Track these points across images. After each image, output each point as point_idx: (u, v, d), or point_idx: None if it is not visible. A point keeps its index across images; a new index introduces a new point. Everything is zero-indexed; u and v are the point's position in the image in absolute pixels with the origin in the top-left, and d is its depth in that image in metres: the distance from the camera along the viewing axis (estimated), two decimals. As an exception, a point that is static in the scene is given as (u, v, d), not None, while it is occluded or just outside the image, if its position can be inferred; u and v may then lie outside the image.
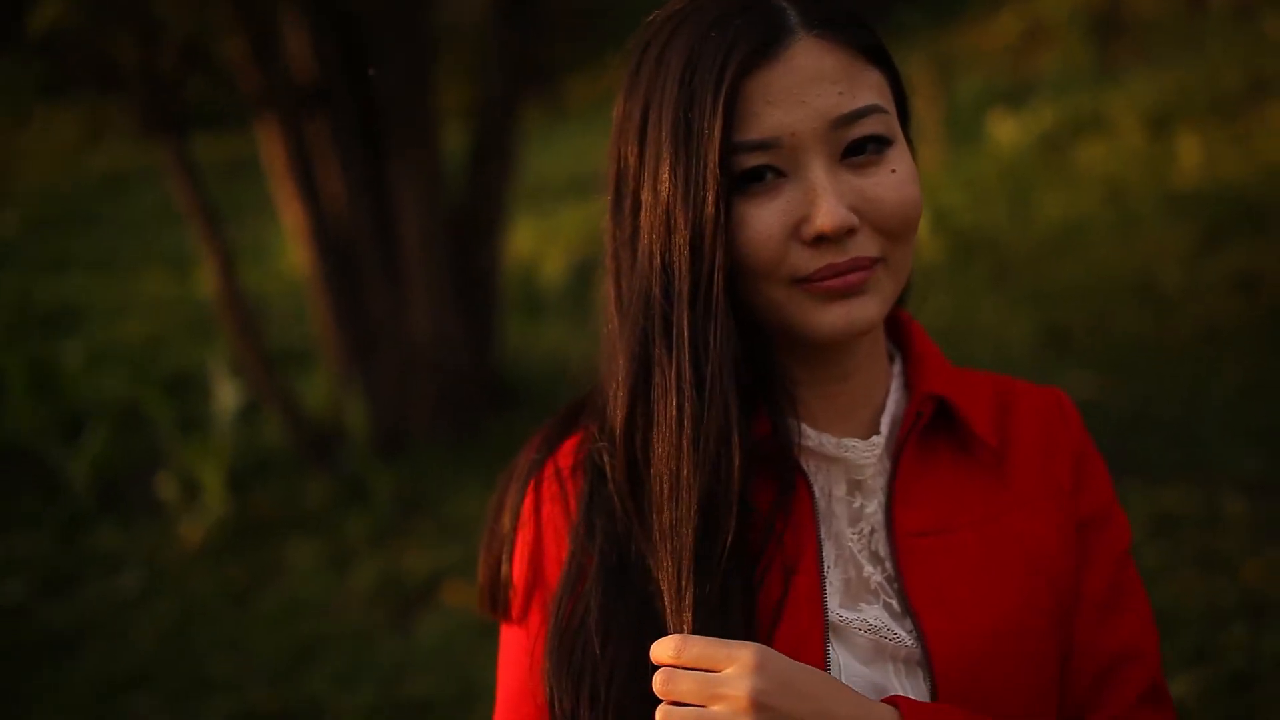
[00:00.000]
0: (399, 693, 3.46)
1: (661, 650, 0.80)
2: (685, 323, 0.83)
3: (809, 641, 0.89)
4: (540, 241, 8.11)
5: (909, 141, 0.93)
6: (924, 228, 6.99)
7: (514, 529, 0.96)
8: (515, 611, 0.95)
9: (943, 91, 13.00)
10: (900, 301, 1.00)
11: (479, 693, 3.27)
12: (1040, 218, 8.57)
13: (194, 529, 4.84)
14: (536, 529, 0.95)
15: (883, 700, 0.86)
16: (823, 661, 0.89)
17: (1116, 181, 8.99)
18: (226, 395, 5.38)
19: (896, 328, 1.02)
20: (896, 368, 1.00)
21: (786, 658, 0.79)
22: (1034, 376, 4.47)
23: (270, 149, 5.24)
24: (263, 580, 4.47)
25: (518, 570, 0.96)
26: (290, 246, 10.04)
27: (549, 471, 0.96)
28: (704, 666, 0.78)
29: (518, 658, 0.94)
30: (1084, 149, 9.70)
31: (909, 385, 0.98)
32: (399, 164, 5.18)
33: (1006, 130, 10.15)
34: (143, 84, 4.72)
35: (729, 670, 0.77)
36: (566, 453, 0.96)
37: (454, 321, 5.22)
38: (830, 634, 0.91)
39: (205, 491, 4.96)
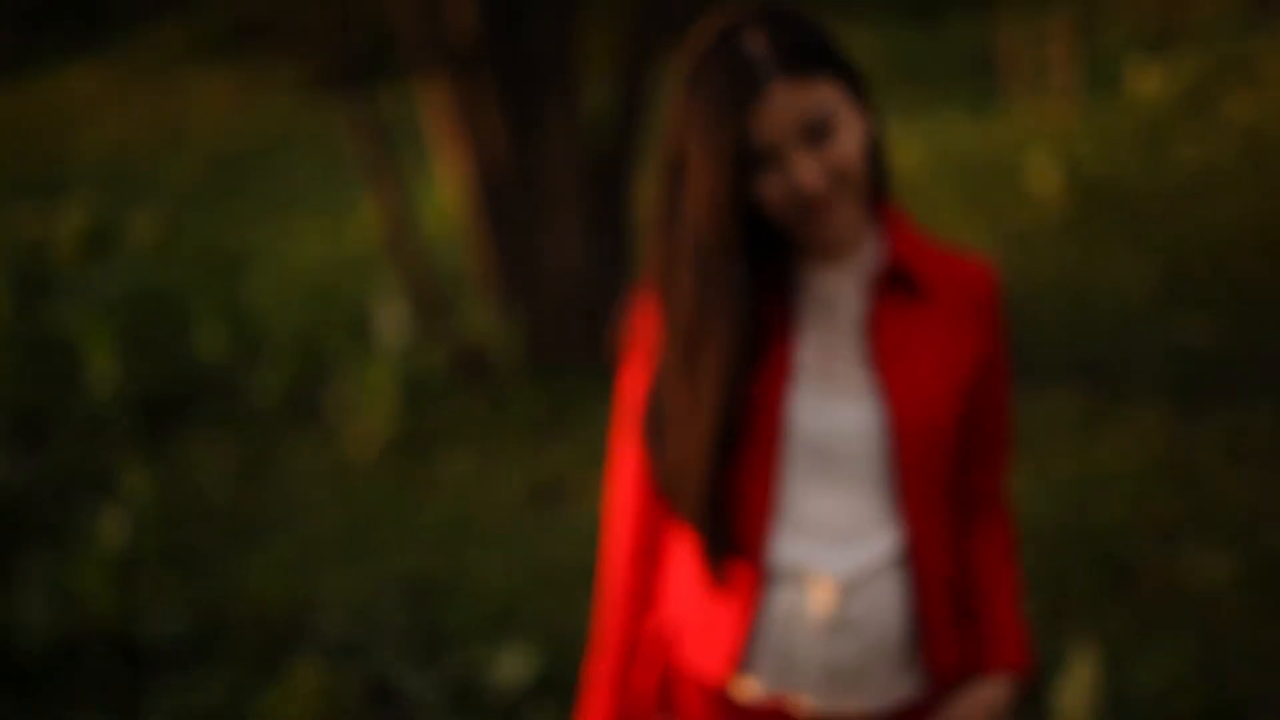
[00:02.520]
0: (537, 561, 4.07)
1: None
2: (717, 237, 1.37)
3: (778, 387, 1.41)
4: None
5: (866, 103, 1.40)
6: (1054, 178, 7.28)
7: (622, 340, 1.55)
8: (628, 377, 1.52)
9: (1085, 41, 12.99)
10: (881, 191, 1.47)
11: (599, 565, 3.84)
12: (1174, 168, 8.62)
13: (366, 438, 5.53)
14: (640, 332, 1.51)
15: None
16: (785, 403, 1.40)
17: (1257, 133, 8.98)
18: (396, 323, 6.06)
19: (874, 208, 1.48)
20: (875, 234, 1.47)
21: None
22: (1153, 322, 4.89)
23: (434, 101, 5.83)
24: (426, 479, 5.13)
25: (631, 354, 1.52)
26: (436, 201, 10.79)
27: (640, 324, 1.50)
28: None
29: (628, 402, 1.52)
30: (1227, 99, 9.66)
31: (882, 246, 1.46)
32: (549, 114, 5.72)
33: (1147, 80, 10.14)
34: (326, 42, 5.34)
35: None
36: (647, 308, 1.49)
37: (594, 257, 5.77)
38: (796, 386, 1.41)
39: (376, 406, 5.64)
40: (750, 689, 1.44)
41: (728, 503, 1.39)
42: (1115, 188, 8.36)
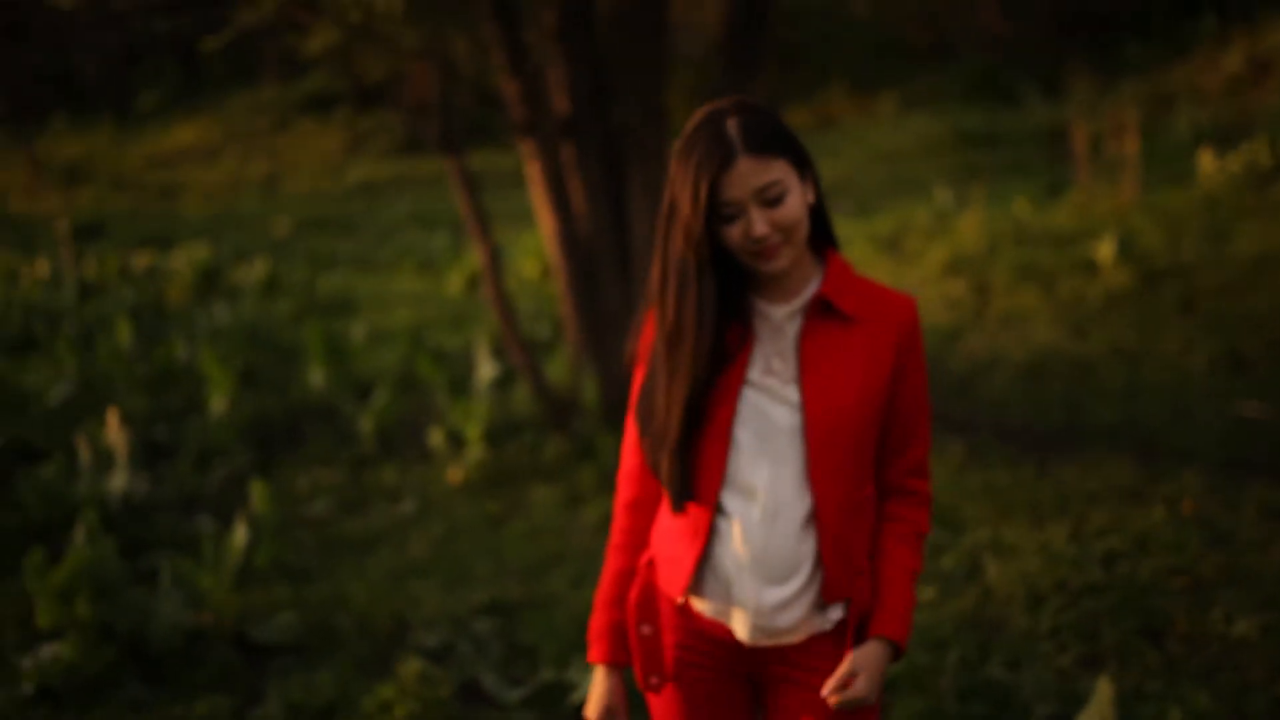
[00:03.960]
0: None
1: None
2: (693, 259, 1.86)
3: (733, 386, 1.89)
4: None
5: (814, 177, 1.89)
6: (1110, 254, 7.56)
7: (636, 339, 2.02)
8: (637, 374, 2.01)
9: (1154, 127, 13.23)
10: (827, 241, 1.96)
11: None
12: (1235, 251, 8.80)
13: (457, 471, 5.98)
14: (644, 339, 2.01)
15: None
16: (737, 398, 1.88)
17: (1318, 223, 9.10)
18: (486, 367, 6.52)
19: (823, 256, 1.96)
20: (818, 275, 1.94)
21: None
22: (1209, 400, 5.22)
23: (530, 167, 6.33)
24: (511, 512, 5.55)
25: (638, 358, 2.01)
26: (528, 254, 11.31)
27: (645, 332, 1.99)
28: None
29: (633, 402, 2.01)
30: (1288, 189, 9.79)
31: (819, 284, 1.94)
32: (634, 180, 6.19)
33: (1215, 166, 10.36)
34: (439, 110, 5.87)
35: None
36: (649, 324, 1.97)
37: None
38: (746, 386, 1.89)
39: (467, 442, 6.09)
40: (703, 607, 1.94)
41: (691, 466, 1.90)
42: (1176, 269, 8.55)
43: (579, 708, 3.65)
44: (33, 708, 3.81)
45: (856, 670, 1.88)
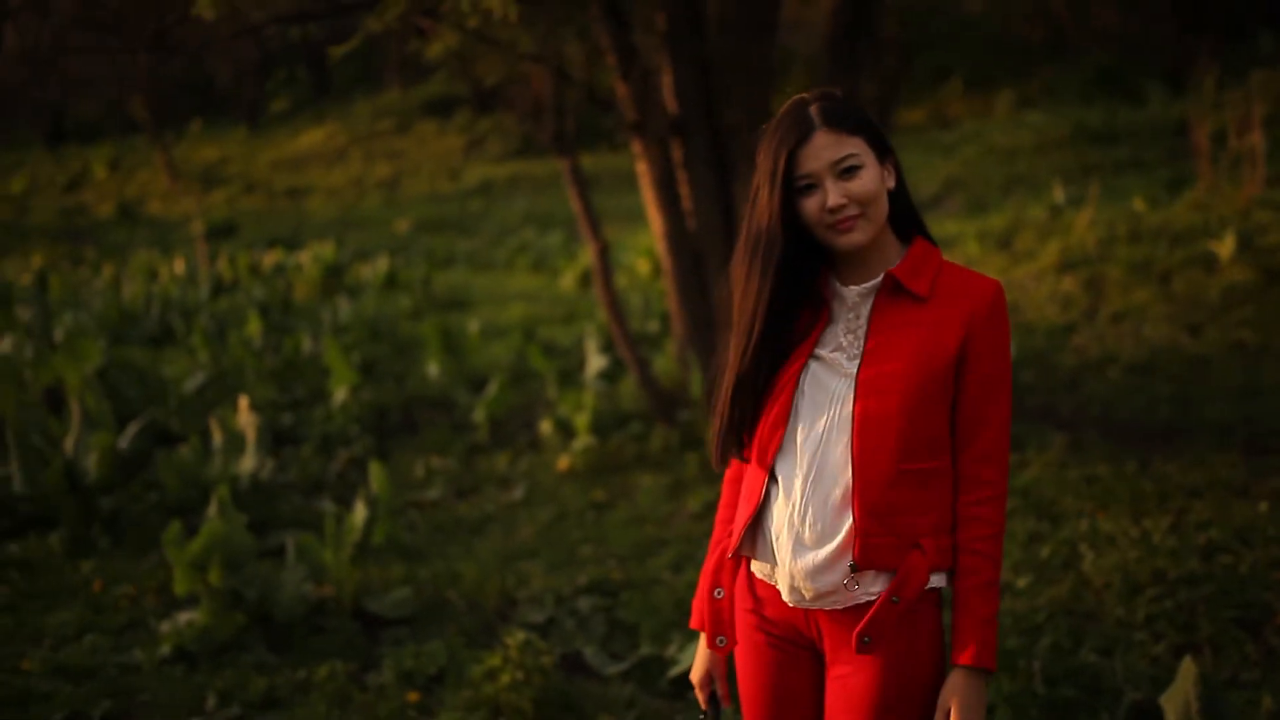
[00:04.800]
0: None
1: None
2: (768, 232, 1.96)
3: (799, 360, 1.98)
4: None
5: (892, 153, 1.97)
6: (1230, 250, 7.42)
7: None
8: None
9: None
10: (915, 228, 2.03)
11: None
12: (1359, 253, 8.51)
13: (565, 460, 6.18)
14: None
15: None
16: (801, 371, 1.98)
17: None
18: (595, 361, 6.71)
19: (910, 239, 2.03)
20: (899, 259, 2.01)
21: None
22: None
23: (641, 167, 6.50)
24: (617, 498, 5.72)
25: None
26: (639, 252, 11.50)
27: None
28: None
29: None
30: None
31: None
32: (741, 179, 6.31)
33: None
34: (553, 111, 6.08)
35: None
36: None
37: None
38: (811, 360, 1.99)
39: (576, 432, 6.29)
40: (756, 568, 2.04)
41: (749, 434, 2.02)
42: (1297, 266, 8.30)
43: (676, 682, 3.80)
44: (170, 667, 4.11)
45: (946, 707, 1.90)
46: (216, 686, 3.92)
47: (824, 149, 1.91)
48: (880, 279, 1.98)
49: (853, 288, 2.00)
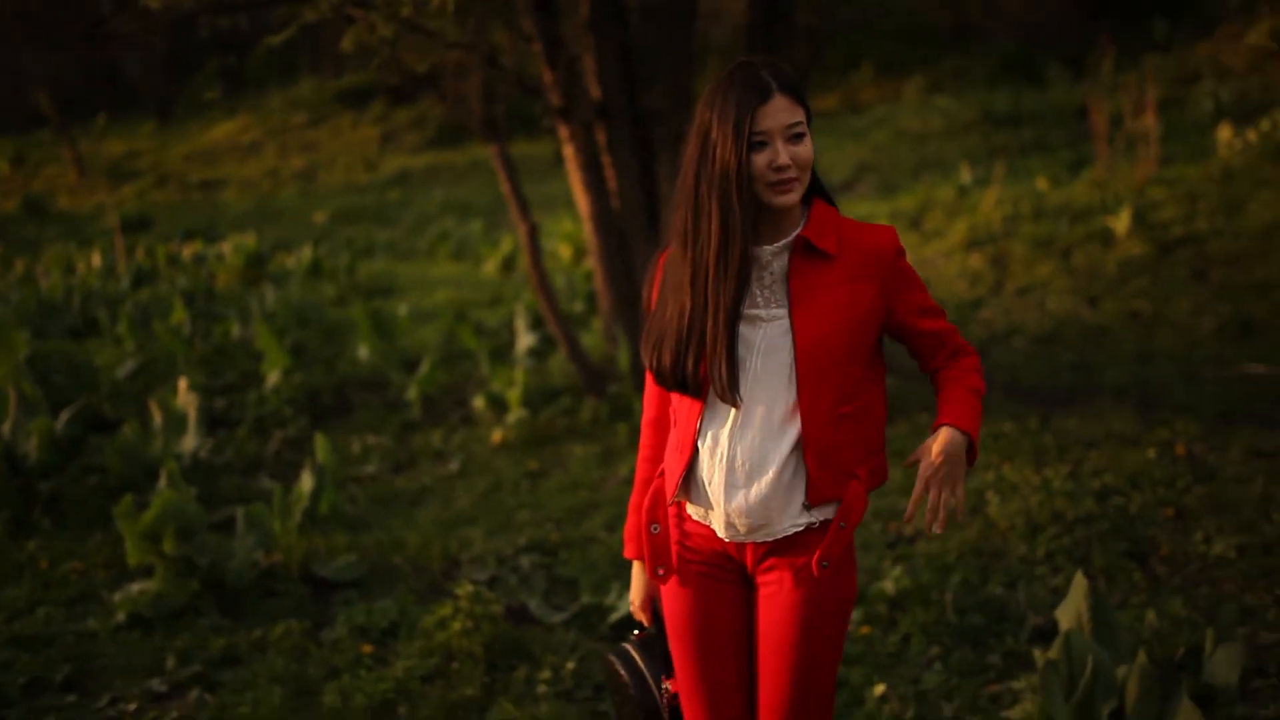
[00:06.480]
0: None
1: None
2: (734, 181, 2.11)
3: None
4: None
5: (809, 126, 2.16)
6: (1126, 225, 7.87)
7: (652, 279, 2.31)
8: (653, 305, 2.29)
9: (1177, 104, 13.43)
10: (819, 194, 2.24)
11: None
12: (1249, 221, 9.02)
13: (499, 433, 6.38)
14: (655, 282, 2.30)
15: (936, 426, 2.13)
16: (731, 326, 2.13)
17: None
18: (525, 338, 6.92)
19: (811, 203, 2.23)
20: (803, 220, 2.21)
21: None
22: (1216, 363, 5.51)
23: (567, 150, 6.70)
24: (550, 468, 5.95)
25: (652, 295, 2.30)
26: (560, 238, 11.71)
27: (660, 260, 2.30)
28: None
29: None
30: (1303, 164, 9.98)
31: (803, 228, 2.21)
32: (663, 161, 6.56)
33: (1233, 140, 10.59)
34: (482, 98, 6.27)
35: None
36: (665, 257, 2.27)
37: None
38: (748, 310, 2.15)
39: (508, 406, 6.49)
40: (692, 510, 2.23)
41: (696, 377, 2.16)
42: (1190, 239, 8.80)
43: (617, 626, 4.04)
44: (125, 633, 4.25)
45: (928, 447, 2.09)
46: (175, 647, 4.07)
47: (780, 111, 2.09)
48: (791, 239, 2.17)
49: (766, 247, 2.18)
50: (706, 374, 2.15)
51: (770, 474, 2.13)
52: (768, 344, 2.14)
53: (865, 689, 3.50)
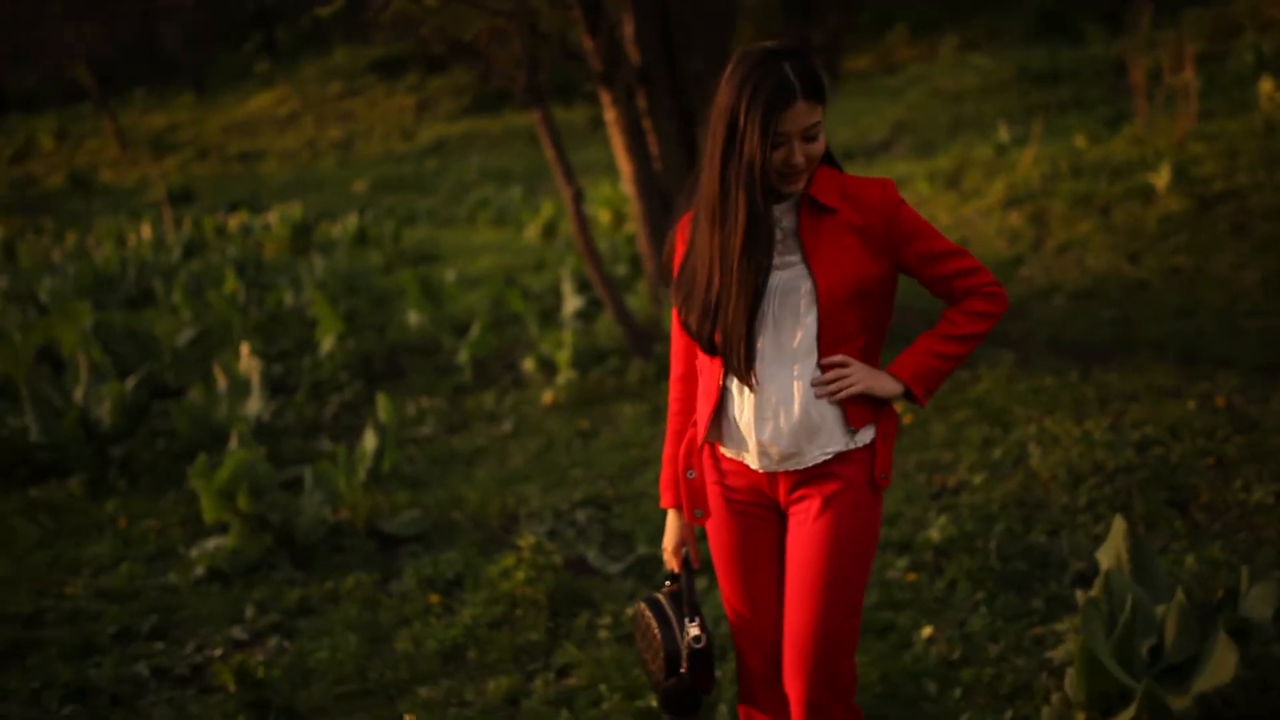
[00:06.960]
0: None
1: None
2: (759, 170, 2.27)
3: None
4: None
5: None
6: (1165, 181, 7.90)
7: (673, 243, 2.47)
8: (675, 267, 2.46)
9: (1218, 58, 13.32)
10: (824, 160, 2.37)
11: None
12: (1287, 179, 8.99)
13: (549, 394, 6.56)
14: (678, 243, 2.46)
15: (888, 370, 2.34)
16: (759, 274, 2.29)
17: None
18: (572, 301, 7.08)
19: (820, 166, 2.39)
20: (809, 182, 2.36)
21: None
22: (1256, 316, 5.60)
23: (609, 115, 6.83)
24: (600, 427, 6.12)
25: (674, 256, 2.46)
26: (600, 203, 11.83)
27: (681, 223, 2.45)
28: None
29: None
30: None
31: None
32: (703, 124, 6.67)
33: (1275, 93, 10.52)
34: (525, 65, 6.40)
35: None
36: (686, 219, 2.43)
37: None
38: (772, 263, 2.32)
39: (558, 368, 6.66)
40: (728, 450, 2.41)
41: (725, 326, 2.31)
42: (1230, 194, 8.80)
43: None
44: (205, 586, 4.47)
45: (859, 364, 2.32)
46: (253, 599, 4.29)
47: (801, 115, 2.25)
48: (796, 199, 2.34)
49: (780, 208, 2.35)
50: (725, 348, 2.32)
51: (797, 404, 2.32)
52: (784, 286, 2.32)
53: (914, 632, 3.65)
